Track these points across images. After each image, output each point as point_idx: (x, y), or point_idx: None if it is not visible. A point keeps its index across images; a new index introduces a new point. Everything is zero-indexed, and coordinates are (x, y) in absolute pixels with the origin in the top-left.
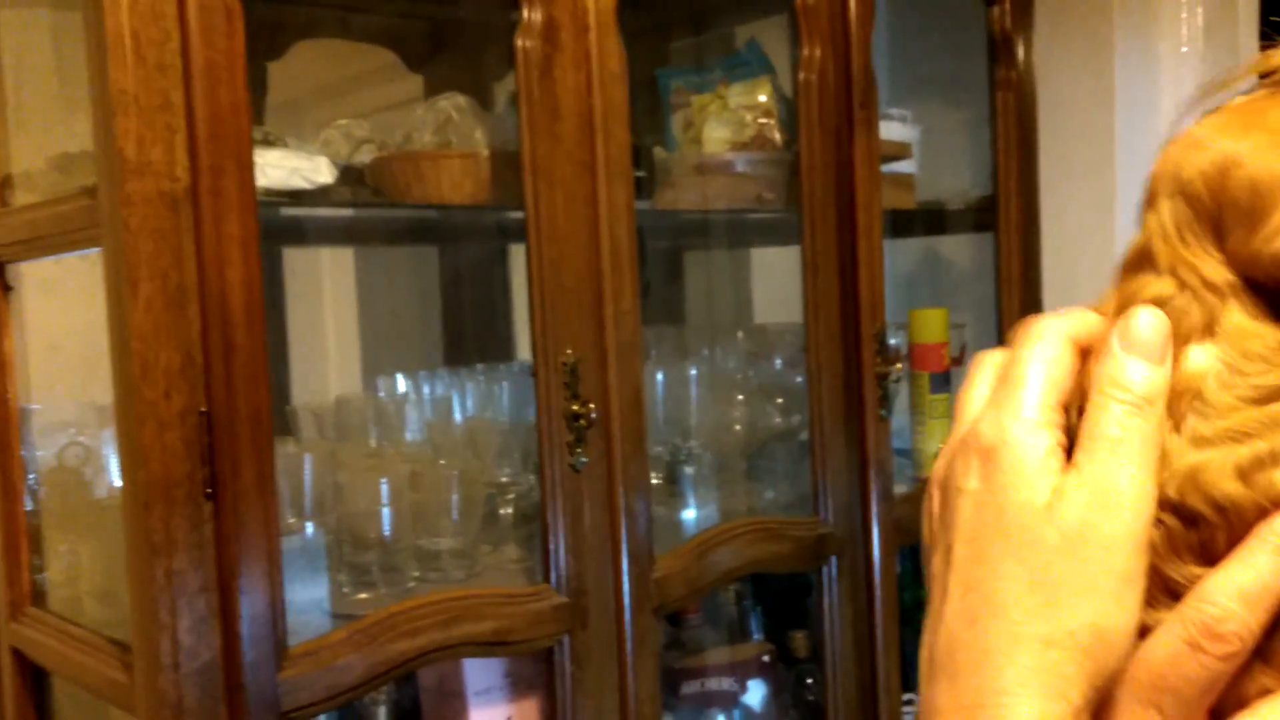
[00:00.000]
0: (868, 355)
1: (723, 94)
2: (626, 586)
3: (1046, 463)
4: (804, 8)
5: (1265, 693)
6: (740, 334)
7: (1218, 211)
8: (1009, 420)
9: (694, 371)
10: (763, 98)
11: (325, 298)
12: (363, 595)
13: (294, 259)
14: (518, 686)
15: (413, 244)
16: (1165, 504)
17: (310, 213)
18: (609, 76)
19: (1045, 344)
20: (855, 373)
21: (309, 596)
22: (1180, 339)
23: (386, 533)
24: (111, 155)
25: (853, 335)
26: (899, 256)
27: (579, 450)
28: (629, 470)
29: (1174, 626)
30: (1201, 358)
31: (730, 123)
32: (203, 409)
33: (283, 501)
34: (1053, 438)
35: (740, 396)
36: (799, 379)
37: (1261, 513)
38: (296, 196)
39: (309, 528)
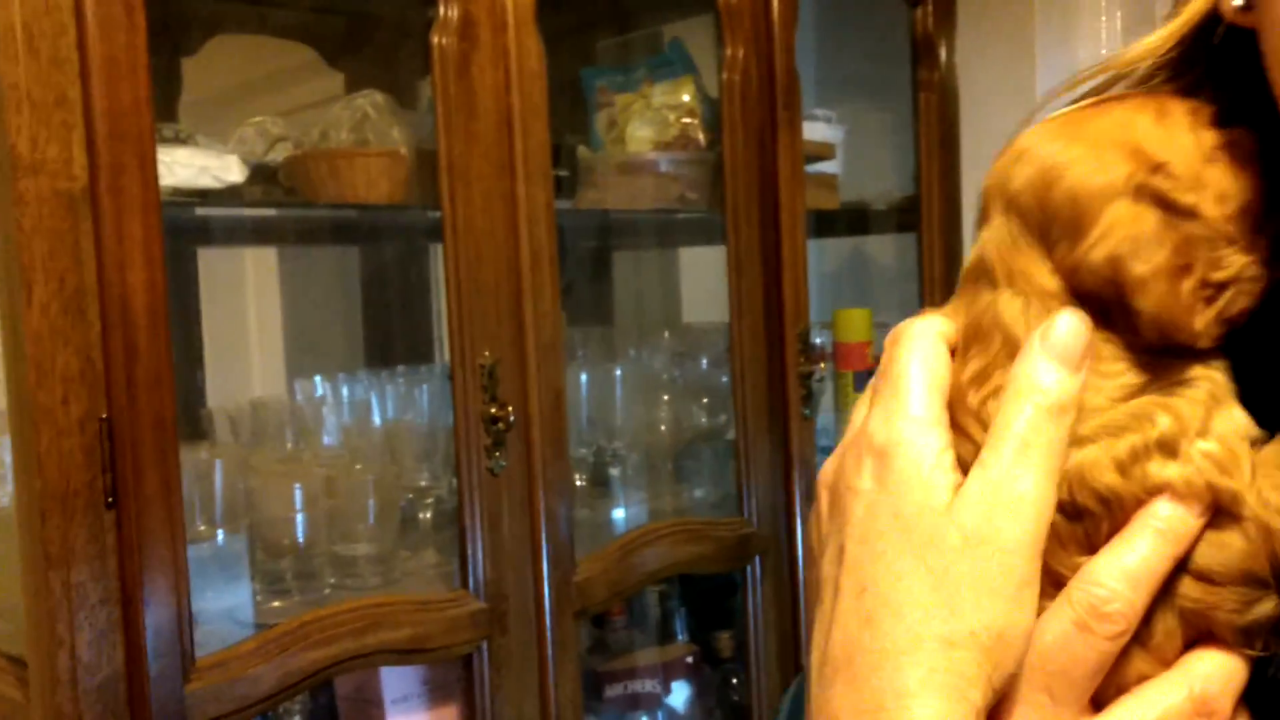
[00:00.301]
0: (791, 355)
1: (646, 94)
2: (547, 591)
3: (941, 461)
4: (727, 8)
5: (1143, 678)
6: (667, 334)
7: (1045, 223)
8: (899, 420)
9: (619, 372)
10: (686, 97)
11: (248, 299)
12: (276, 603)
13: (216, 259)
14: (436, 694)
15: (333, 244)
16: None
17: (226, 212)
18: (528, 74)
19: (921, 344)
20: (779, 372)
21: (220, 606)
22: None
23: (301, 539)
24: (2, 153)
25: (777, 335)
26: (823, 256)
27: (497, 453)
28: (549, 473)
29: (1062, 609)
30: None
31: (654, 122)
32: (103, 415)
33: (192, 509)
34: (944, 436)
35: (666, 397)
36: (725, 379)
37: (1139, 502)
38: (205, 196)
39: (220, 535)
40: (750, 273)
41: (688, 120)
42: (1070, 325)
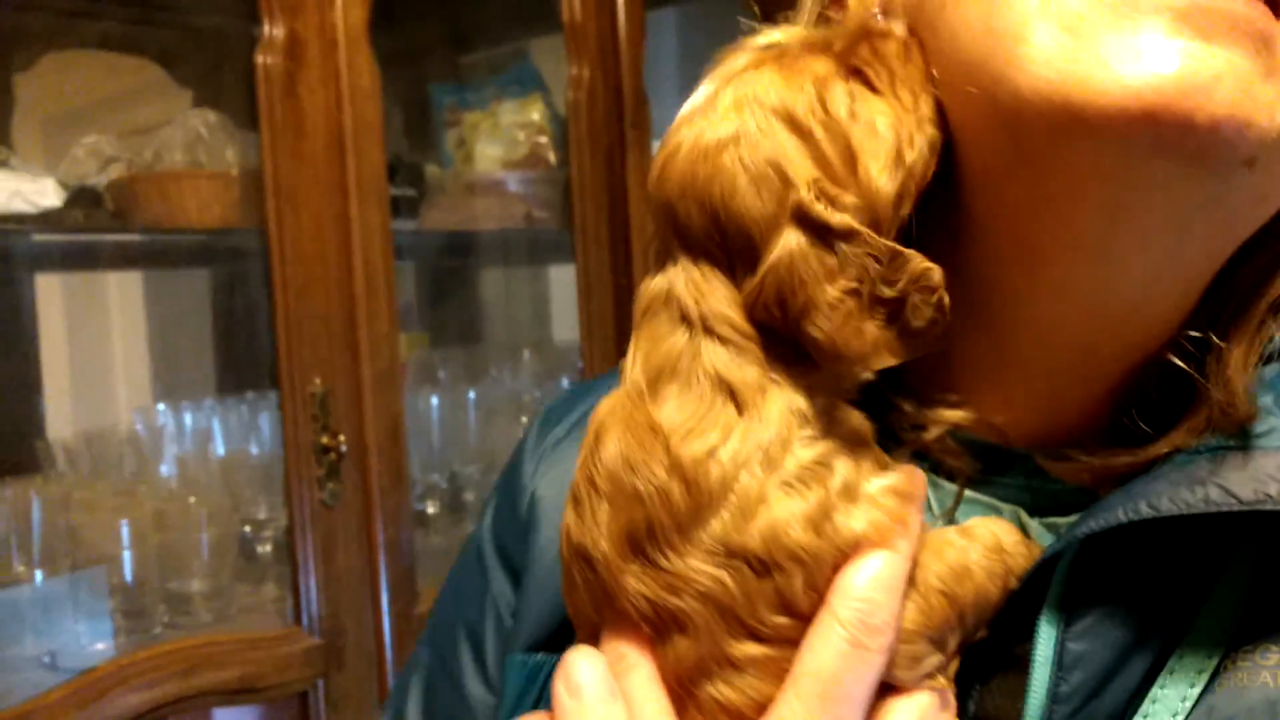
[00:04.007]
0: None
1: (495, 112)
2: (387, 624)
3: None
4: (572, 27)
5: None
6: (527, 353)
7: (728, 257)
8: None
9: (472, 394)
10: (535, 116)
11: (109, 322)
12: (99, 645)
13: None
14: None
15: (177, 267)
16: (738, 555)
17: (50, 238)
18: (360, 94)
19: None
20: None
21: (34, 651)
22: (749, 391)
23: (129, 577)
24: None
25: None
26: None
27: (330, 484)
28: (388, 502)
29: (830, 632)
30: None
31: (503, 141)
32: None
33: (8, 549)
34: None
35: (525, 419)
36: None
37: (837, 556)
38: (20, 220)
39: (38, 576)
40: (600, 292)
41: (538, 139)
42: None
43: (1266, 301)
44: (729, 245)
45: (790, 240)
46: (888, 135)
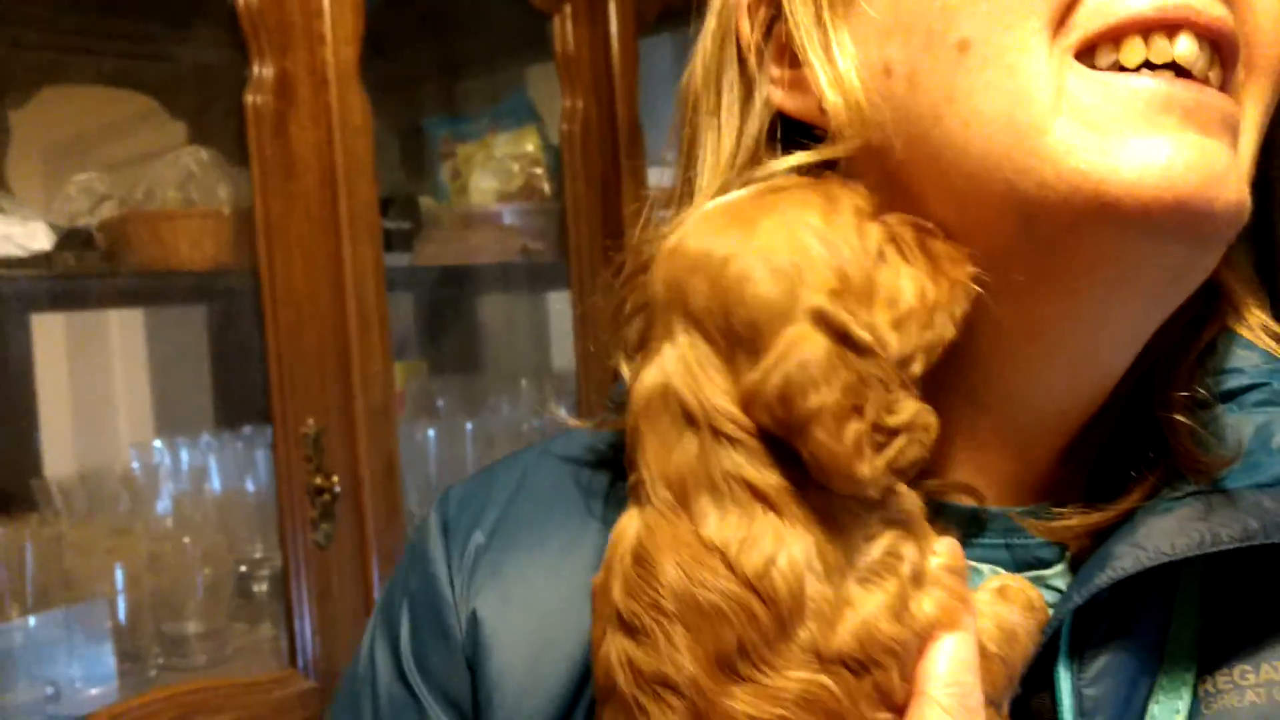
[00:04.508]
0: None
1: (489, 143)
2: None
3: None
4: (565, 59)
5: None
6: (524, 382)
7: (730, 343)
8: None
9: (470, 426)
10: (530, 147)
11: (90, 361)
12: (94, 691)
13: (71, 322)
14: None
15: (173, 304)
16: (834, 659)
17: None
18: (352, 131)
19: None
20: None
21: (29, 696)
22: (779, 493)
23: (124, 619)
24: None
25: None
26: None
27: (324, 525)
28: (384, 542)
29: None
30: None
31: (497, 173)
32: None
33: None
34: None
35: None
36: None
37: (920, 642)
38: (10, 265)
39: (31, 620)
40: (596, 323)
41: (534, 170)
42: None
43: (1195, 351)
44: (733, 330)
45: (807, 338)
46: (909, 298)
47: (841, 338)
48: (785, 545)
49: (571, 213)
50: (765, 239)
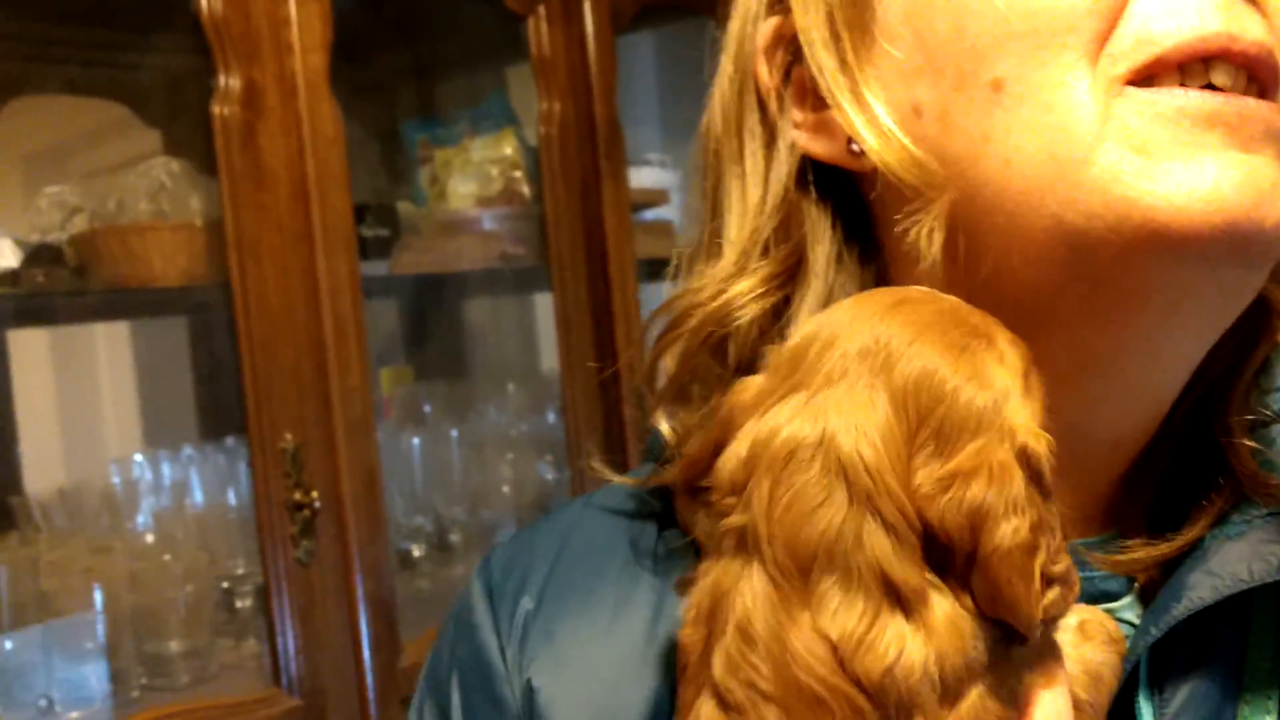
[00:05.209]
0: (628, 409)
1: (467, 147)
2: (370, 680)
3: None
4: (540, 62)
5: None
6: (511, 386)
7: (920, 432)
8: None
9: (455, 433)
10: (508, 150)
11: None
12: (74, 715)
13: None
14: None
15: (143, 317)
16: None
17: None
18: (323, 141)
19: None
20: (617, 426)
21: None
22: (913, 594)
23: (103, 639)
24: None
25: (613, 389)
26: (658, 304)
27: (305, 542)
28: (367, 556)
29: None
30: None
31: (476, 177)
32: None
33: None
34: None
35: (511, 455)
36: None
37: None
38: None
39: (8, 643)
40: (580, 325)
41: (513, 174)
42: None
43: (1250, 371)
44: (920, 412)
45: (1010, 469)
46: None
47: (1036, 478)
48: (907, 653)
49: (552, 215)
50: (970, 365)
